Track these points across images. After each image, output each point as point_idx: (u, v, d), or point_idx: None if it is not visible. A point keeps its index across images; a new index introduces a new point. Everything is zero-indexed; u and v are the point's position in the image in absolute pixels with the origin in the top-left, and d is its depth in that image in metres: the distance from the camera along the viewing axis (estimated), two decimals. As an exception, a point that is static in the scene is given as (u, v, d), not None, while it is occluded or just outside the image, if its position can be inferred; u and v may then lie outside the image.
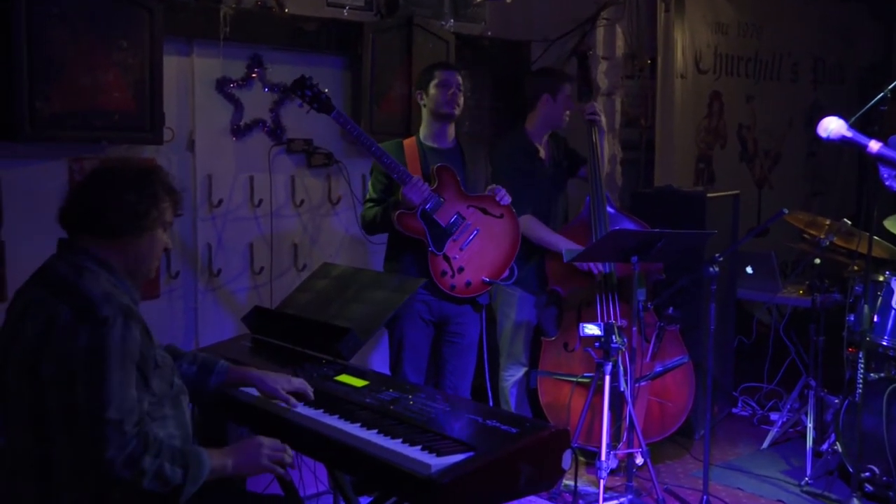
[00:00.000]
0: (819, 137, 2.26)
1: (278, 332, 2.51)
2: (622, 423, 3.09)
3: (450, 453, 1.69)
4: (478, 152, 3.12)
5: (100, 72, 2.72)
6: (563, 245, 3.22)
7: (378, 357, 3.54)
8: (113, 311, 1.61)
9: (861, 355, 2.95)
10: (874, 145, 2.21)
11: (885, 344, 3.19)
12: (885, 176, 2.32)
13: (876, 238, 3.05)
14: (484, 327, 3.11)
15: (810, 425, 3.43)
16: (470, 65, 3.83)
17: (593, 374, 3.03)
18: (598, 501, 2.88)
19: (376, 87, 3.41)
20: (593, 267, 3.25)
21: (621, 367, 2.98)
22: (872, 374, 3.14)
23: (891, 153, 2.21)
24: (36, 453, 1.64)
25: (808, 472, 3.33)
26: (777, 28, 5.37)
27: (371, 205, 2.98)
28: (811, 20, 5.62)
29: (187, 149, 3.09)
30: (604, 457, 2.87)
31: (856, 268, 3.47)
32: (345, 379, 2.16)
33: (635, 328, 2.98)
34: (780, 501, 3.20)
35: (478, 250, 2.94)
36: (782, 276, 4.37)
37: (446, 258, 2.88)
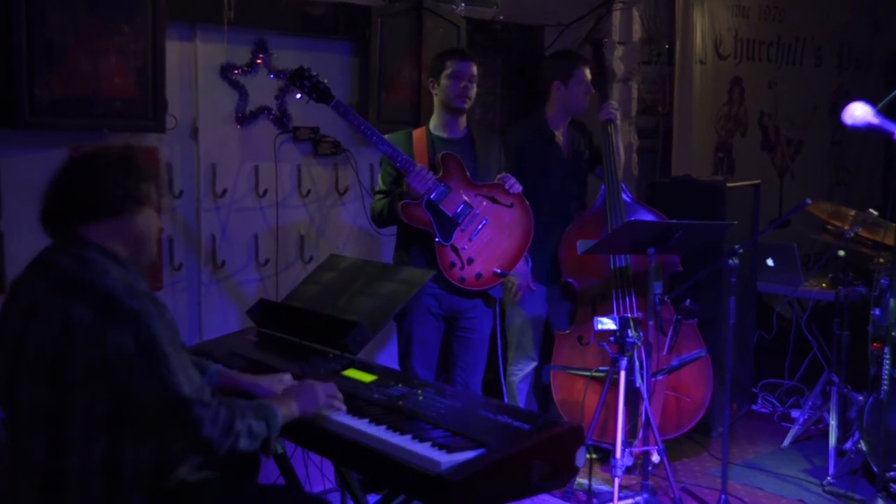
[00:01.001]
0: (844, 124, 2.22)
1: (284, 325, 2.46)
2: (638, 419, 3.01)
3: (460, 450, 1.64)
4: (490, 141, 3.05)
5: (101, 57, 2.66)
6: None
7: (387, 351, 3.47)
8: (142, 301, 1.59)
9: (886, 351, 2.89)
10: (904, 132, 2.13)
11: (912, 339, 3.09)
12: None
13: (903, 229, 2.95)
14: (498, 322, 3.04)
15: (833, 423, 3.35)
16: (481, 50, 3.75)
17: (608, 368, 2.95)
18: (612, 500, 2.81)
19: (385, 74, 3.33)
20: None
21: (637, 362, 2.91)
22: (899, 371, 3.04)
23: (921, 140, 2.12)
24: (46, 459, 1.59)
25: (831, 471, 3.25)
26: (800, 11, 5.24)
27: (380, 197, 2.92)
28: (836, 3, 5.48)
29: (191, 137, 3.04)
30: (619, 454, 2.81)
31: (881, 260, 3.37)
32: (352, 374, 2.12)
33: (652, 322, 2.90)
34: (801, 501, 3.13)
35: (488, 241, 2.86)
36: (804, 268, 4.27)
37: (454, 249, 2.81)
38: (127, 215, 1.68)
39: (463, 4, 3.68)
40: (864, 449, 3.11)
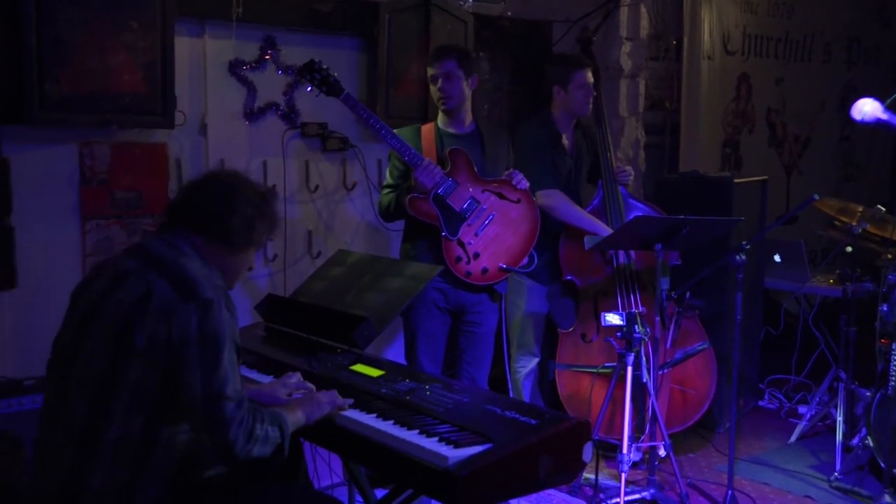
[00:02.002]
0: (853, 120, 2.21)
1: (292, 320, 2.47)
2: (644, 414, 3.01)
3: (467, 445, 1.65)
4: (498, 137, 3.05)
5: (110, 54, 2.68)
6: (595, 227, 3.13)
7: (394, 346, 3.48)
8: (216, 294, 1.64)
9: (894, 347, 2.88)
10: (914, 127, 2.12)
11: (920, 335, 3.08)
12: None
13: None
14: (503, 316, 3.04)
15: (840, 419, 3.34)
16: (489, 46, 3.74)
17: (614, 364, 2.95)
18: (619, 495, 2.81)
19: (393, 70, 3.34)
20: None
21: (643, 358, 2.90)
22: (906, 367, 3.03)
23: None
24: (87, 426, 1.62)
25: (838, 466, 3.24)
26: (808, 7, 5.21)
27: (388, 191, 2.92)
28: (844, -2, 5.45)
29: (199, 133, 3.05)
30: (625, 449, 2.81)
31: (889, 256, 3.35)
32: (360, 368, 2.12)
33: (658, 318, 2.89)
34: (808, 497, 3.12)
35: (494, 236, 2.86)
36: (811, 264, 4.26)
37: (461, 243, 2.81)
38: (237, 250, 1.77)
39: (470, 0, 3.67)
40: (872, 445, 3.10)
